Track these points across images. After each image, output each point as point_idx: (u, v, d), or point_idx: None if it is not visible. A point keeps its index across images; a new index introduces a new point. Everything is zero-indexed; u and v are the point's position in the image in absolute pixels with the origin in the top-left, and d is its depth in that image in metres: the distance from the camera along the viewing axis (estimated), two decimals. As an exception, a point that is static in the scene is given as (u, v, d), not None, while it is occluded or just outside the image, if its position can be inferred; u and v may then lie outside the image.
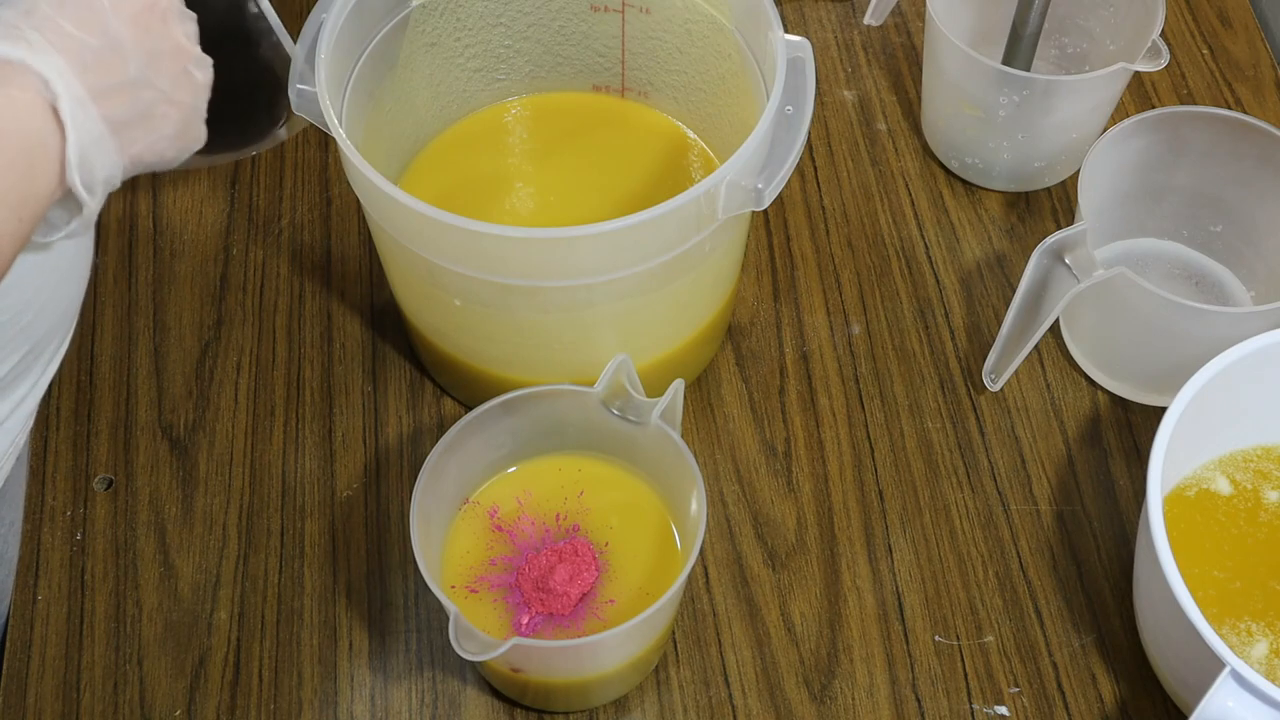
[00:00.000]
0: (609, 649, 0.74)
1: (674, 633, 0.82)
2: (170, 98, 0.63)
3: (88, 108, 0.59)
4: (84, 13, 0.60)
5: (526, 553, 0.78)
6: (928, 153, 1.03)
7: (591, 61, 0.96)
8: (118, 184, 0.63)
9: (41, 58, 0.57)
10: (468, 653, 0.68)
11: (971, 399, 0.91)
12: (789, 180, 0.81)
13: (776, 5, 0.80)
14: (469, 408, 0.78)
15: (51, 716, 0.79)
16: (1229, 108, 1.00)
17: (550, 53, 0.96)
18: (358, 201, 0.93)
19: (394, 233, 0.77)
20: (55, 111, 0.58)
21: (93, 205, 0.61)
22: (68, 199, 0.61)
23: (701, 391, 0.91)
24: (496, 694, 0.80)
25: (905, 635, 0.82)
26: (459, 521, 0.79)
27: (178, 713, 0.79)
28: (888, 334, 0.94)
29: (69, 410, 0.89)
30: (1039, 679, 0.81)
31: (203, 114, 0.66)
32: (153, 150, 0.64)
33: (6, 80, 0.57)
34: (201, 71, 0.65)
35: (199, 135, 0.67)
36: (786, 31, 0.78)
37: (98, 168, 0.61)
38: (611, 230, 0.72)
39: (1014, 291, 0.86)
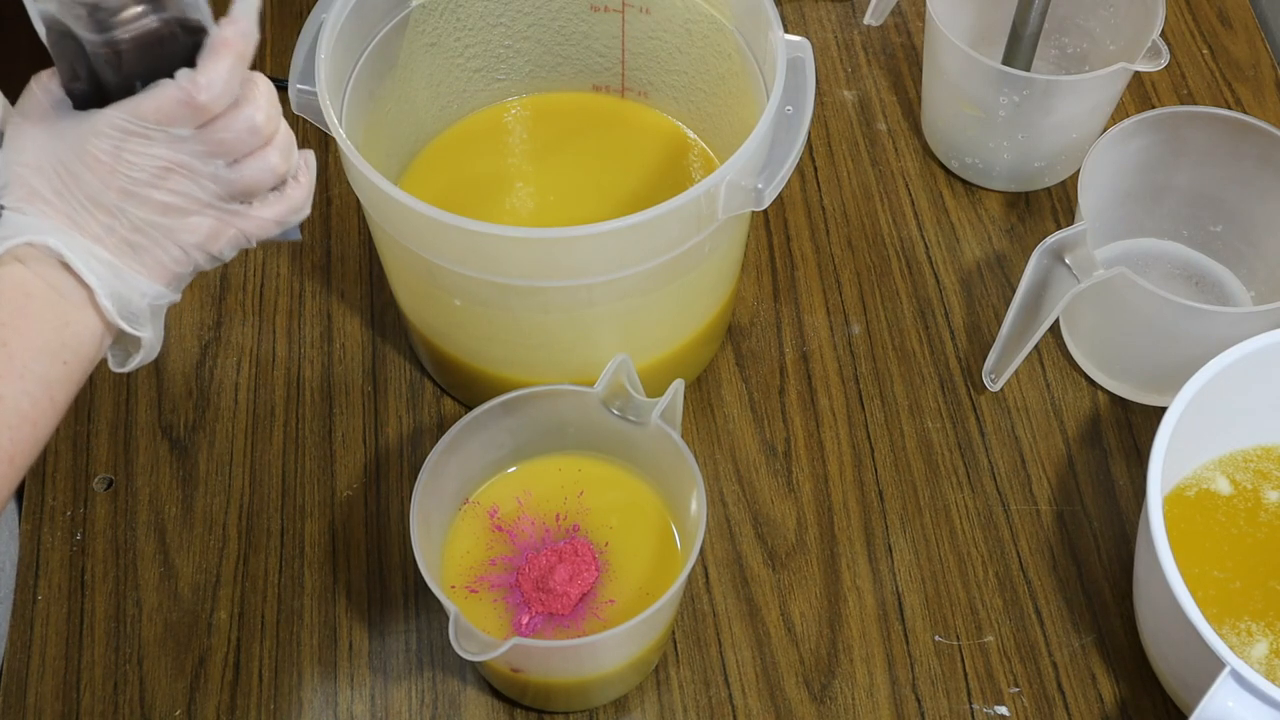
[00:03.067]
0: (609, 649, 0.74)
1: (674, 633, 0.82)
2: (181, 206, 0.61)
3: (92, 250, 0.59)
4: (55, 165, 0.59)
5: (526, 553, 0.78)
6: (928, 153, 1.03)
7: (591, 61, 0.96)
8: (173, 298, 0.62)
9: (28, 221, 0.58)
10: (468, 653, 0.68)
11: (971, 399, 0.91)
12: (789, 180, 0.81)
13: (776, 5, 0.80)
14: (469, 408, 0.78)
15: (51, 716, 0.79)
16: (1229, 108, 1.00)
17: (550, 53, 0.96)
18: (358, 201, 0.93)
19: (394, 233, 0.77)
20: (69, 268, 0.58)
21: (148, 334, 0.61)
22: (122, 338, 0.61)
23: (701, 391, 0.91)
24: (496, 694, 0.80)
25: (905, 635, 0.82)
26: (459, 521, 0.79)
27: (178, 713, 0.79)
28: (888, 334, 0.94)
29: (69, 410, 0.89)
30: (1039, 679, 0.81)
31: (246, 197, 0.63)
32: (192, 255, 0.62)
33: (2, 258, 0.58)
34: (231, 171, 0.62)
35: (254, 225, 0.63)
36: (786, 31, 0.78)
37: (134, 298, 0.60)
38: (612, 230, 0.72)
39: (1014, 291, 0.86)
